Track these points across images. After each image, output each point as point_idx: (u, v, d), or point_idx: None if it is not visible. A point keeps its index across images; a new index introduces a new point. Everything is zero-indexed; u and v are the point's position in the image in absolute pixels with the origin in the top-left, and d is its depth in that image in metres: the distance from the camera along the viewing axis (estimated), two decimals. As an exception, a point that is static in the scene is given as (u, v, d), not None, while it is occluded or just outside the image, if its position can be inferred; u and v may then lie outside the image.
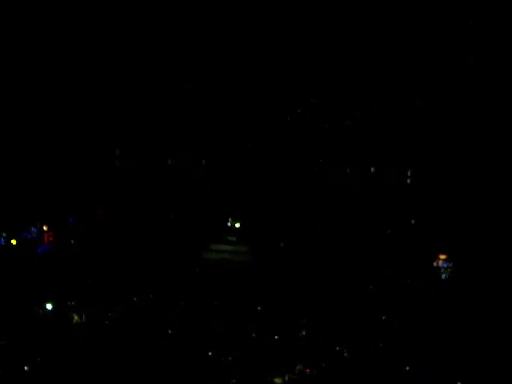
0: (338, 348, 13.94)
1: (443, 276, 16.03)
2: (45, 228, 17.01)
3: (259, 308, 15.19)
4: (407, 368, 13.37)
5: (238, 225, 17.06)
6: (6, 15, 17.23)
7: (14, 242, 16.91)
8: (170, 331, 14.29)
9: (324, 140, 17.19)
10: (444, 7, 16.35)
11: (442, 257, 16.12)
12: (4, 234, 16.88)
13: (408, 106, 16.82)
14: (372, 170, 16.86)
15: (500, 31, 16.19)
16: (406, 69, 16.69)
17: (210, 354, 13.67)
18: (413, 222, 16.59)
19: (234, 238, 16.97)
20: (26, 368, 12.90)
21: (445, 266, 16.12)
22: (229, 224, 17.09)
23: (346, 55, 16.84)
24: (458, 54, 16.49)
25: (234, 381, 12.78)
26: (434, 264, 16.08)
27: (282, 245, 16.68)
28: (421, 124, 16.75)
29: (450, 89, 16.59)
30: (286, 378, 12.86)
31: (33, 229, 16.97)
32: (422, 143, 16.68)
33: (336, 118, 17.14)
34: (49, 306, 14.91)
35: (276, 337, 14.25)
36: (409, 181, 16.82)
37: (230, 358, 13.57)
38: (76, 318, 14.61)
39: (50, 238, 16.95)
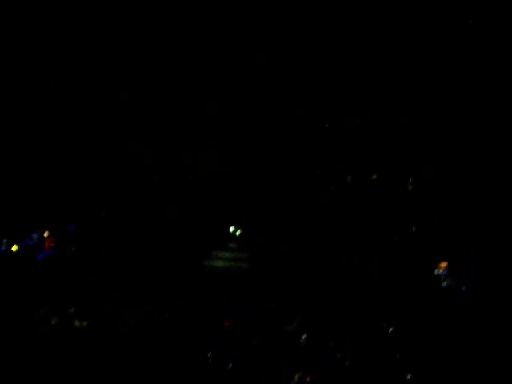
0: (339, 355, 13.94)
1: (444, 284, 16.07)
2: (45, 234, 17.00)
3: (260, 316, 15.19)
4: (409, 376, 13.37)
5: (238, 232, 17.11)
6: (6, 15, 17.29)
7: (14, 248, 16.88)
8: (172, 338, 14.31)
9: (324, 144, 17.16)
10: (444, 7, 16.42)
11: (443, 264, 16.15)
12: (5, 241, 16.86)
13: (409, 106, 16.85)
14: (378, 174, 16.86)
15: (500, 31, 16.25)
16: (406, 69, 16.75)
17: (209, 360, 13.70)
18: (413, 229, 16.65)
19: (236, 245, 17.05)
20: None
21: (445, 273, 16.14)
22: (231, 230, 17.13)
23: (346, 55, 16.91)
24: (457, 54, 16.54)
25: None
26: (435, 272, 16.12)
27: (285, 248, 16.66)
28: (420, 126, 16.75)
29: (451, 89, 16.64)
30: (290, 384, 12.89)
31: (34, 235, 16.95)
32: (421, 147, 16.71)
33: (335, 120, 17.13)
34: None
35: (277, 343, 14.25)
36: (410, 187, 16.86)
37: (229, 366, 13.58)
38: (77, 324, 14.60)
39: (51, 244, 16.93)
